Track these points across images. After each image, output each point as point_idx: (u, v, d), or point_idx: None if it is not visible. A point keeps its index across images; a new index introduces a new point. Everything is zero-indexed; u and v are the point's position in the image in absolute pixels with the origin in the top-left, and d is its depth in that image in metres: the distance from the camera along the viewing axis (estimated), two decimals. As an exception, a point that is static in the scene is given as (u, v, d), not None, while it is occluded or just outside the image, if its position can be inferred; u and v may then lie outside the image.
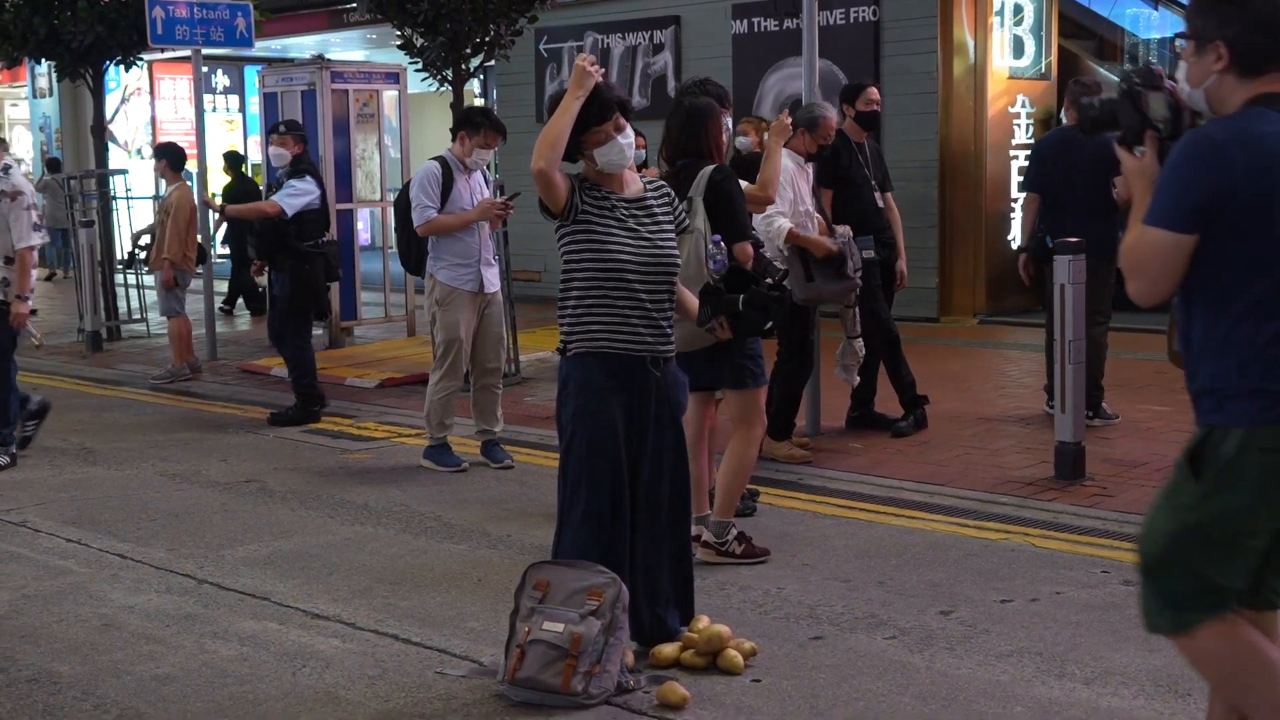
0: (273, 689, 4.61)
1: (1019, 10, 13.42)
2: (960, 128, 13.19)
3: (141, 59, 14.83)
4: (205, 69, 14.20)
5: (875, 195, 8.19)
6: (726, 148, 5.89)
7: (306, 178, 9.24)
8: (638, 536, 4.67)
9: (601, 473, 4.55)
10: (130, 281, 14.02)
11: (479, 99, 21.00)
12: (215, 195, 13.75)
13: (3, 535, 6.62)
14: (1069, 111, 8.59)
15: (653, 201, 4.71)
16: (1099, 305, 7.86)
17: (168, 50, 14.13)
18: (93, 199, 14.02)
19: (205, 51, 12.65)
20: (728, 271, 5.16)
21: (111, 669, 4.81)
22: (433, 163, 7.72)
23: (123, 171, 14.95)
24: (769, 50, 14.00)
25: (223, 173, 15.83)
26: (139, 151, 22.92)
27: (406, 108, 13.33)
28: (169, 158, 11.18)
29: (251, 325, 14.54)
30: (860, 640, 4.93)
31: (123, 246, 14.25)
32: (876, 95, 8.33)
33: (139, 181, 18.51)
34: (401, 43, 11.40)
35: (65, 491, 7.48)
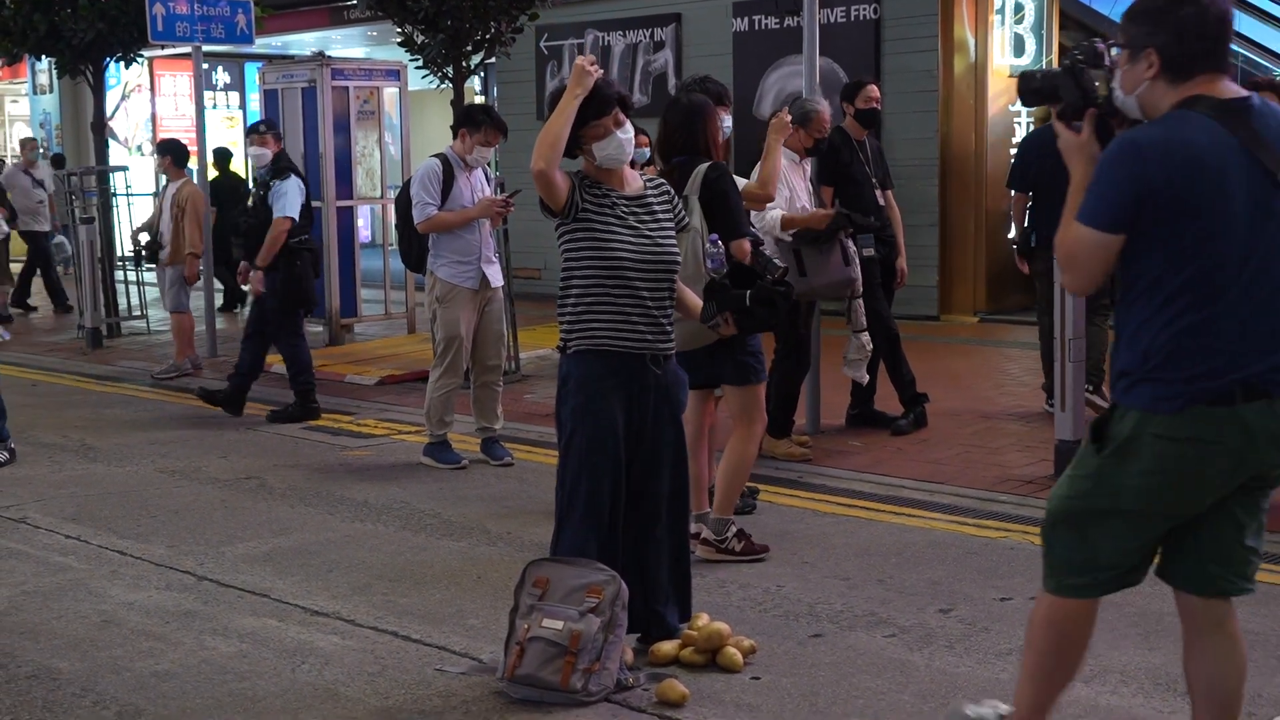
0: (272, 686, 4.61)
1: (1020, 8, 13.42)
2: (961, 126, 13.18)
3: (142, 55, 14.82)
4: (206, 66, 14.15)
5: (876, 193, 8.20)
6: (723, 145, 5.88)
7: (291, 177, 9.25)
8: (637, 534, 4.67)
9: (601, 470, 4.55)
10: (130, 278, 14.02)
11: (479, 96, 20.99)
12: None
13: (2, 531, 6.62)
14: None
15: (653, 199, 4.70)
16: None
17: (168, 47, 14.12)
18: (93, 195, 14.01)
19: (206, 48, 12.64)
20: (732, 268, 5.15)
21: (111, 665, 4.82)
22: (434, 160, 7.72)
23: (123, 168, 14.95)
24: (769, 48, 13.99)
25: (210, 167, 15.79)
26: (139, 148, 22.91)
27: (407, 105, 13.33)
28: (173, 154, 11.16)
29: (226, 323, 14.30)
30: (860, 638, 4.94)
31: (123, 244, 14.23)
32: (876, 93, 8.32)
33: (139, 178, 18.52)
34: (402, 40, 11.40)
35: (65, 488, 7.49)
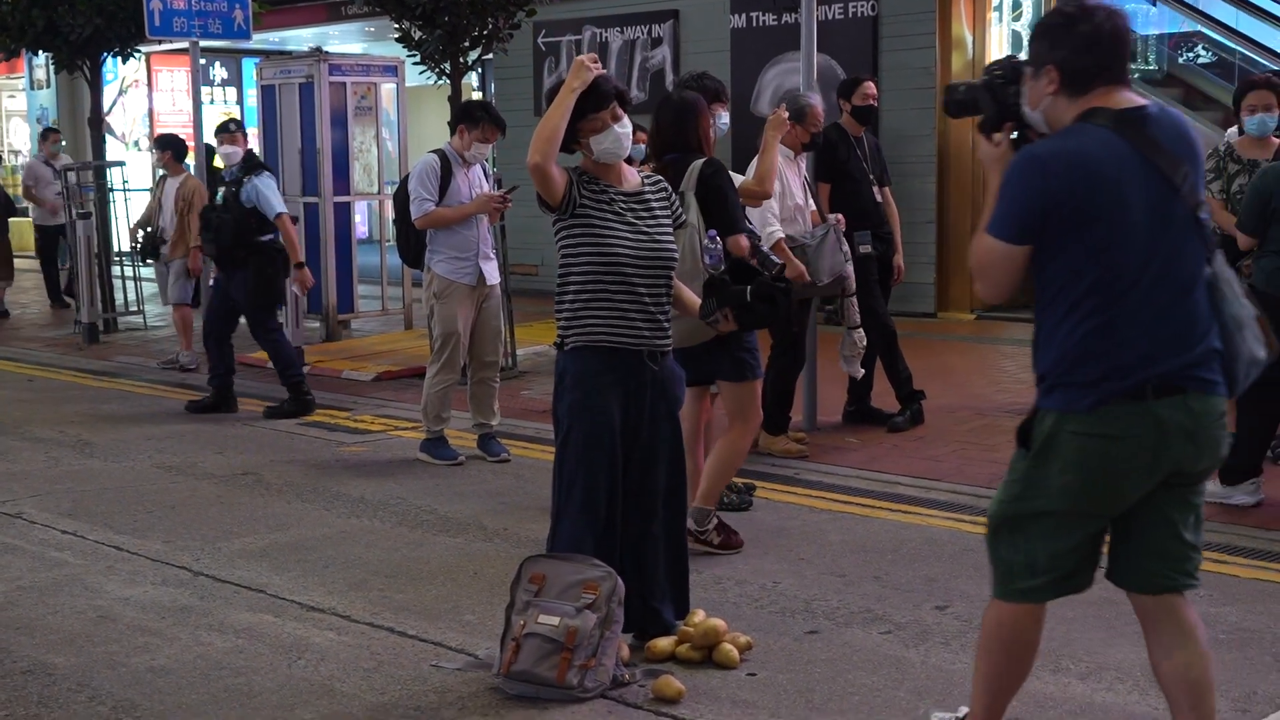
0: (268, 681, 4.61)
1: (1017, 6, 13.42)
2: (958, 123, 13.14)
3: (139, 51, 14.80)
4: (203, 61, 14.17)
5: (874, 190, 8.20)
6: (714, 142, 5.86)
7: (265, 174, 9.28)
8: (634, 530, 4.67)
9: (598, 466, 4.55)
10: (128, 274, 14.01)
11: (477, 92, 20.95)
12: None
13: (-1, 527, 6.62)
14: None
15: (650, 196, 4.70)
16: None
17: (165, 42, 14.09)
18: (90, 191, 14.00)
19: (203, 44, 12.61)
20: (731, 265, 5.15)
21: (107, 660, 4.82)
22: (431, 155, 7.71)
23: (120, 163, 14.93)
24: (767, 45, 13.99)
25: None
26: (136, 143, 22.88)
27: (404, 101, 13.33)
28: (173, 148, 11.15)
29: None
30: (856, 635, 4.94)
31: (120, 239, 14.21)
32: (873, 90, 8.32)
33: (136, 173, 18.49)
34: (400, 36, 11.39)
35: (61, 483, 7.48)
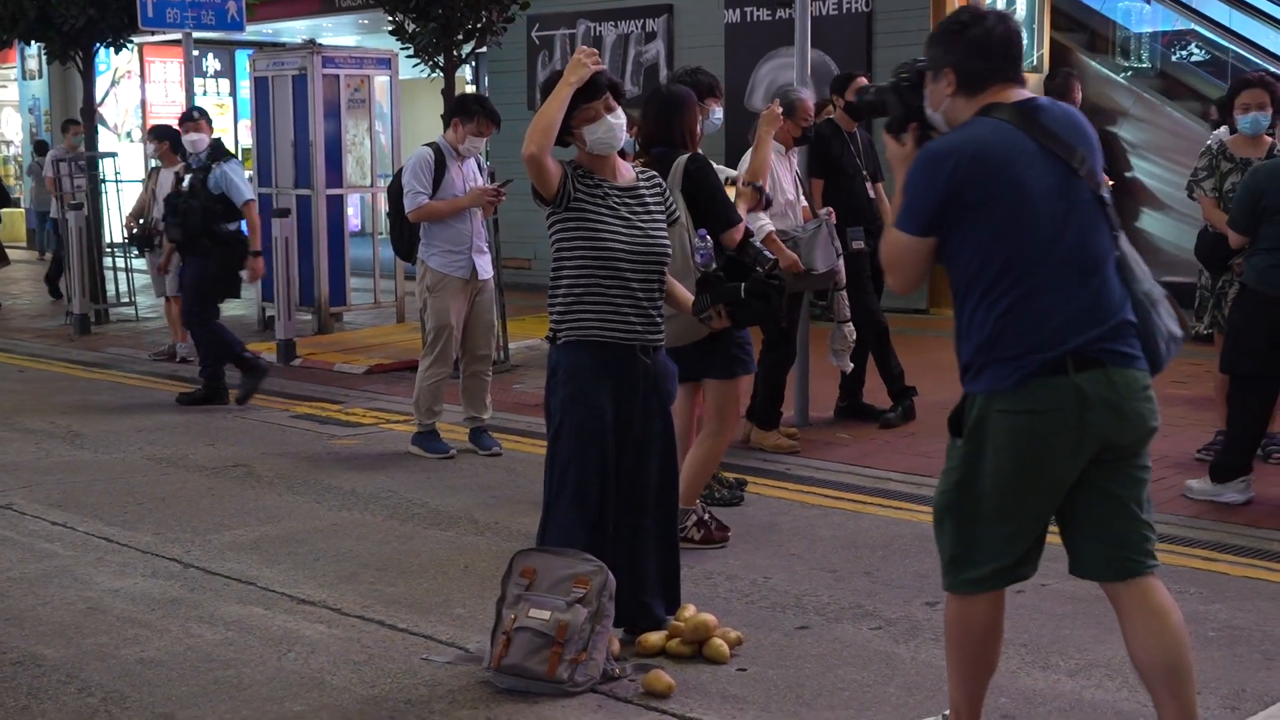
0: (258, 674, 4.60)
1: (1011, 3, 13.42)
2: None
3: (132, 42, 14.75)
4: (196, 53, 14.11)
5: (867, 186, 8.20)
6: (700, 137, 5.84)
7: (233, 161, 9.31)
8: (625, 525, 4.67)
9: (590, 461, 4.55)
10: (119, 265, 13.98)
11: (470, 86, 20.93)
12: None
13: (-12, 518, 6.61)
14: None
15: (645, 191, 4.69)
16: None
17: (158, 33, 14.08)
18: (82, 182, 13.97)
19: (196, 35, 12.61)
20: (725, 261, 5.14)
21: (96, 652, 4.81)
22: (426, 149, 7.70)
23: (112, 155, 14.90)
24: (761, 40, 13.98)
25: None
26: (129, 135, 22.84)
27: (398, 93, 13.31)
28: (170, 140, 11.11)
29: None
30: (846, 630, 4.94)
31: (112, 230, 14.18)
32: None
33: (128, 165, 18.46)
34: (393, 28, 11.38)
35: (51, 474, 7.47)
